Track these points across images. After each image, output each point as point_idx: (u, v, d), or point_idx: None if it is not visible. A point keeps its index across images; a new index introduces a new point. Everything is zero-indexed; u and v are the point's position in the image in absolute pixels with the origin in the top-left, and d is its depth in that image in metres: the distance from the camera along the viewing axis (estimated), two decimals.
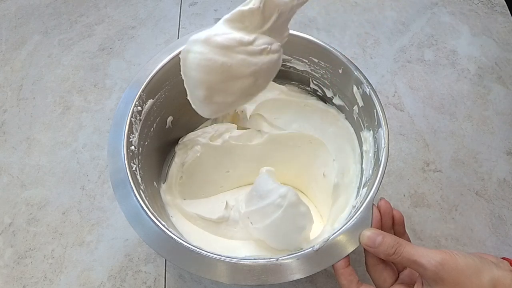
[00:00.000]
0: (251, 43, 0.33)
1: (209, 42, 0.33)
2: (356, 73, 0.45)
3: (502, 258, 0.36)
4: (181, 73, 0.34)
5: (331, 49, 0.46)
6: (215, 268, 0.36)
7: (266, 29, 0.34)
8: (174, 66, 0.46)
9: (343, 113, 0.51)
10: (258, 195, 0.45)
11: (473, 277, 0.32)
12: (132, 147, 0.42)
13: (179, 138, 0.52)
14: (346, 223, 0.38)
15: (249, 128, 0.52)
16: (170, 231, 0.38)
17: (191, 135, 0.52)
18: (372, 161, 0.43)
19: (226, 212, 0.49)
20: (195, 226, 0.48)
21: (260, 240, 0.47)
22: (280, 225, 0.43)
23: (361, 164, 0.47)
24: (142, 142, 0.45)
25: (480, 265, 0.32)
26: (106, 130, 0.62)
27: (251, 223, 0.46)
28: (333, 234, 0.37)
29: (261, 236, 0.46)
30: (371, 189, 0.39)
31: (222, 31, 0.33)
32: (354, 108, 0.47)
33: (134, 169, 0.41)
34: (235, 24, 0.33)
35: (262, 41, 0.34)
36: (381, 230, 0.37)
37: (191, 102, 0.36)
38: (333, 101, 0.51)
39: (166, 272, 0.52)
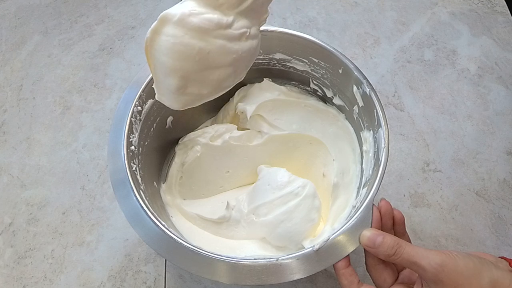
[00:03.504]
0: (229, 25, 0.29)
1: (184, 24, 0.28)
2: (356, 73, 0.45)
3: (500, 257, 0.36)
4: (147, 55, 0.30)
5: (331, 49, 0.46)
6: (215, 268, 0.36)
7: (243, 9, 0.30)
8: None
9: (343, 113, 0.51)
10: (274, 186, 0.47)
11: (472, 279, 0.32)
12: (132, 147, 0.42)
13: (179, 138, 0.52)
14: (346, 223, 0.38)
15: (249, 129, 0.52)
16: (170, 231, 0.38)
17: (191, 135, 0.52)
18: (372, 161, 0.43)
19: (227, 212, 0.49)
20: (195, 226, 0.48)
21: (261, 240, 0.47)
22: (293, 213, 0.45)
23: (361, 164, 0.47)
24: (142, 142, 0.45)
25: (479, 266, 0.32)
26: (106, 130, 0.62)
27: (255, 218, 0.46)
28: (333, 234, 0.37)
29: (265, 230, 0.46)
30: (371, 189, 0.39)
31: (197, 10, 0.29)
32: (354, 108, 0.47)
33: (134, 169, 0.41)
34: (208, 1, 0.29)
35: (241, 24, 0.30)
36: (382, 230, 0.37)
37: (156, 91, 0.32)
38: (333, 101, 0.51)
39: (166, 272, 0.52)
